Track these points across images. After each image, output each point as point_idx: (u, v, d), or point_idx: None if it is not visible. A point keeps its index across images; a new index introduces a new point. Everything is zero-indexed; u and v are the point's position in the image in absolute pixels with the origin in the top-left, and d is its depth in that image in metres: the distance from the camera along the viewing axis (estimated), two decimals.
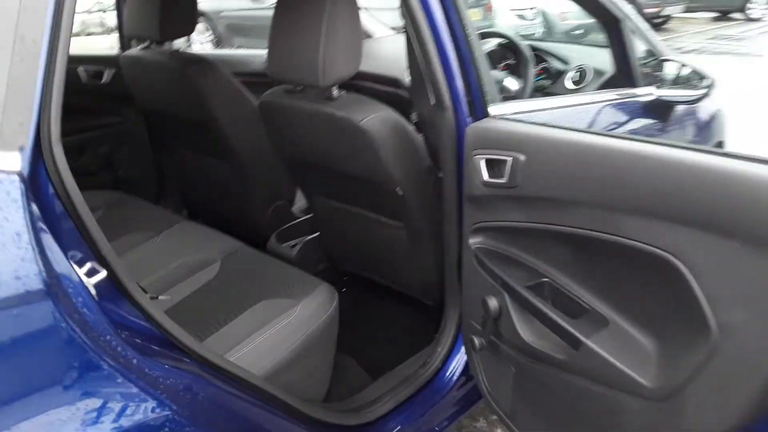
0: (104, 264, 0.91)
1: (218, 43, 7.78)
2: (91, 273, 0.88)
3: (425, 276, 1.74)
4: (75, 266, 0.84)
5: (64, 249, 0.83)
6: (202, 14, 7.52)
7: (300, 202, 2.23)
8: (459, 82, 1.35)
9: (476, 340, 1.36)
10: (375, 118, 1.45)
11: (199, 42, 7.64)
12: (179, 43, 2.03)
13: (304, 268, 2.06)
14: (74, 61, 2.24)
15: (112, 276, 0.92)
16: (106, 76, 2.31)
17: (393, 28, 2.71)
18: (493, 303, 1.26)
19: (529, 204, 1.17)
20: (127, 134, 2.42)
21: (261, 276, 1.64)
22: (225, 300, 1.53)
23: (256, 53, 2.46)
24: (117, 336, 0.86)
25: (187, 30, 1.95)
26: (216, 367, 1.07)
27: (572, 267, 1.14)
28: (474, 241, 1.32)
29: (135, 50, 2.12)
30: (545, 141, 1.16)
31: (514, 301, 1.22)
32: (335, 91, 1.49)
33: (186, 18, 1.93)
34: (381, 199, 1.62)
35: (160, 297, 1.16)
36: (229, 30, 7.70)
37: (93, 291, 0.86)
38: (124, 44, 2.37)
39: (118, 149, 2.42)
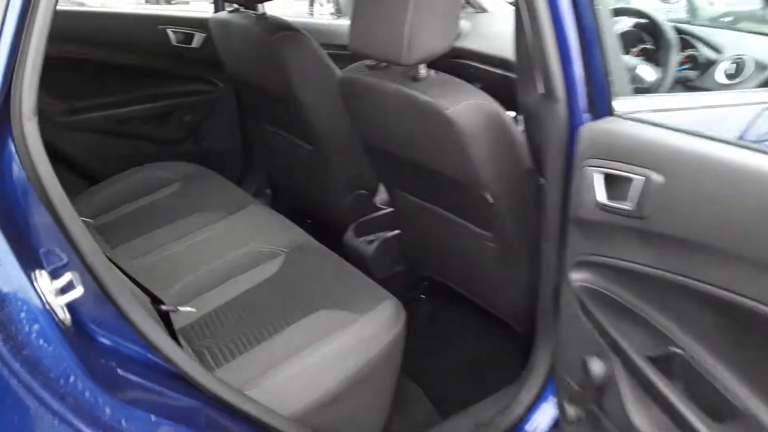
0: (91, 273, 0.73)
1: (338, 12, 7.64)
2: (67, 288, 0.69)
3: (515, 298, 1.46)
4: (38, 279, 0.66)
5: (22, 254, 0.64)
6: None
7: (384, 192, 2.00)
8: (577, 68, 1.03)
9: (570, 410, 1.06)
10: (466, 107, 1.18)
11: (319, 14, 7.56)
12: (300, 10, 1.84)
13: (380, 268, 1.85)
14: (164, 21, 2.14)
15: (101, 287, 0.74)
16: (197, 40, 2.19)
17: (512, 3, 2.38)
18: (597, 367, 0.96)
19: (663, 244, 0.85)
20: (215, 104, 2.30)
21: (324, 279, 1.45)
22: (281, 303, 1.36)
23: None
24: (88, 378, 0.66)
25: None
26: (231, 407, 0.87)
27: (721, 343, 0.81)
28: (578, 277, 1.02)
29: (224, 13, 1.98)
30: (696, 158, 0.82)
31: (626, 372, 0.92)
32: (422, 71, 1.24)
33: None
34: (467, 203, 1.35)
35: (181, 308, 0.98)
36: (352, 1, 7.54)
37: (62, 313, 0.67)
38: (218, 6, 2.24)
39: (204, 119, 2.31)
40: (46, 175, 0.70)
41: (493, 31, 1.98)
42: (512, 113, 1.40)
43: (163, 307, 1.10)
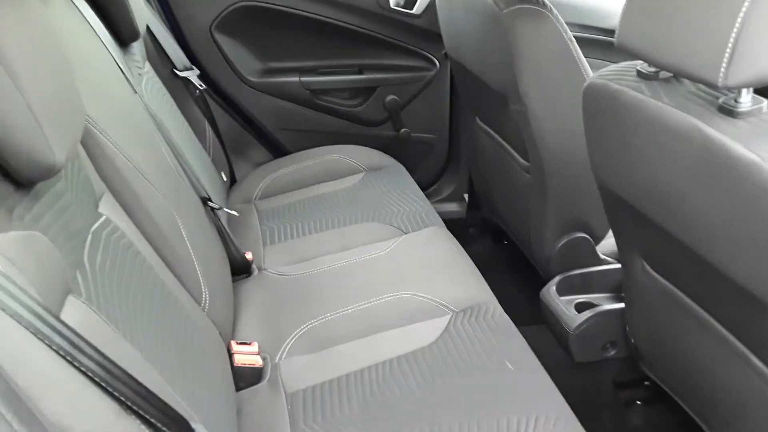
0: None
1: None
2: None
3: None
4: None
5: None
6: None
7: (611, 239, 1.46)
8: None
9: None
10: None
11: None
12: None
13: (584, 349, 1.34)
14: None
15: None
16: (419, 4, 1.80)
17: None
18: None
19: None
20: (426, 86, 1.91)
21: (490, 369, 1.00)
22: (428, 395, 0.95)
23: None
24: None
25: None
26: None
27: None
28: None
29: None
30: None
31: None
32: (745, 99, 0.70)
33: None
34: (762, 330, 0.79)
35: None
36: None
37: None
38: None
39: (410, 102, 1.93)
40: None
41: None
42: None
43: None
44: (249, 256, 1.37)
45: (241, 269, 1.35)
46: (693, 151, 0.75)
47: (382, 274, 1.26)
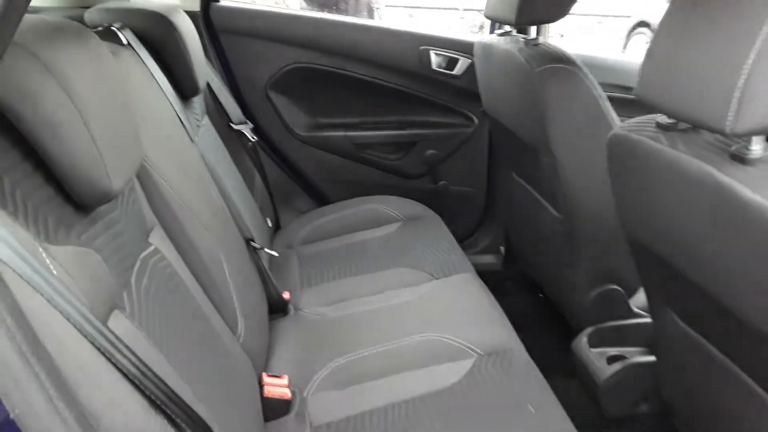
0: None
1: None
2: None
3: None
4: None
5: None
6: (646, 25, 6.58)
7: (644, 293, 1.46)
8: None
9: None
10: None
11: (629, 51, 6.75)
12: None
13: (615, 402, 1.32)
14: (427, 42, 1.89)
15: None
16: (459, 66, 1.90)
17: None
18: None
19: None
20: (465, 141, 1.98)
21: (504, 405, 1.03)
22: None
23: None
24: None
25: (552, 15, 1.37)
26: None
27: None
28: None
29: (490, 36, 1.65)
30: None
31: None
32: (756, 147, 0.73)
33: None
34: None
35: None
36: None
37: None
38: (493, 27, 1.92)
39: (449, 156, 2.00)
40: None
41: None
42: None
43: None
44: (287, 296, 1.43)
45: (278, 308, 1.41)
46: (706, 196, 0.77)
47: (410, 317, 1.30)
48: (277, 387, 1.11)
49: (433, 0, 7.22)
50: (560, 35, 5.04)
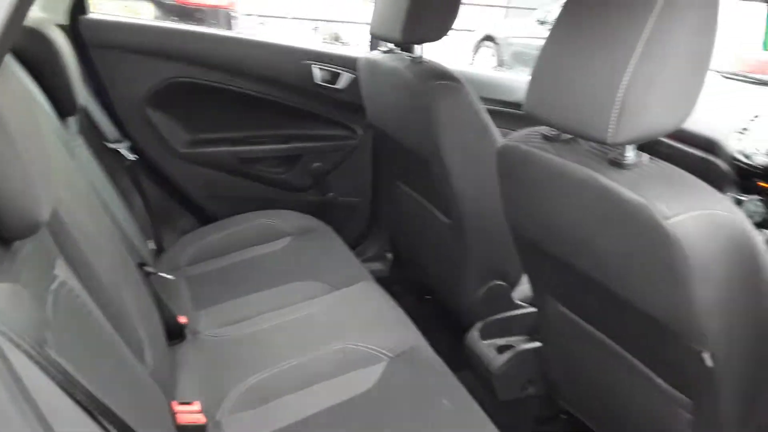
0: None
1: (500, 65, 7.35)
2: None
3: None
4: None
5: None
6: (491, 39, 7.15)
7: (525, 285, 1.60)
8: None
9: None
10: (697, 219, 0.77)
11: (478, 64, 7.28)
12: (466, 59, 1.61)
13: (507, 388, 1.43)
14: (310, 56, 1.92)
15: None
16: (343, 80, 1.95)
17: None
18: None
19: None
20: (350, 153, 2.03)
21: (427, 410, 1.07)
22: None
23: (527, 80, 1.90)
24: None
25: (435, 34, 1.47)
26: None
27: None
28: None
29: (375, 53, 1.72)
30: None
31: None
32: (630, 153, 0.85)
33: (441, 18, 1.45)
34: (665, 354, 0.92)
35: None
36: (514, 58, 7.21)
37: None
38: (373, 44, 2.00)
39: (335, 168, 2.05)
40: None
41: (712, 105, 1.54)
42: None
43: None
44: (183, 320, 1.38)
45: (175, 334, 1.36)
46: (592, 197, 0.89)
47: (317, 329, 1.32)
48: (189, 414, 1.08)
49: (287, 10, 7.27)
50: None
